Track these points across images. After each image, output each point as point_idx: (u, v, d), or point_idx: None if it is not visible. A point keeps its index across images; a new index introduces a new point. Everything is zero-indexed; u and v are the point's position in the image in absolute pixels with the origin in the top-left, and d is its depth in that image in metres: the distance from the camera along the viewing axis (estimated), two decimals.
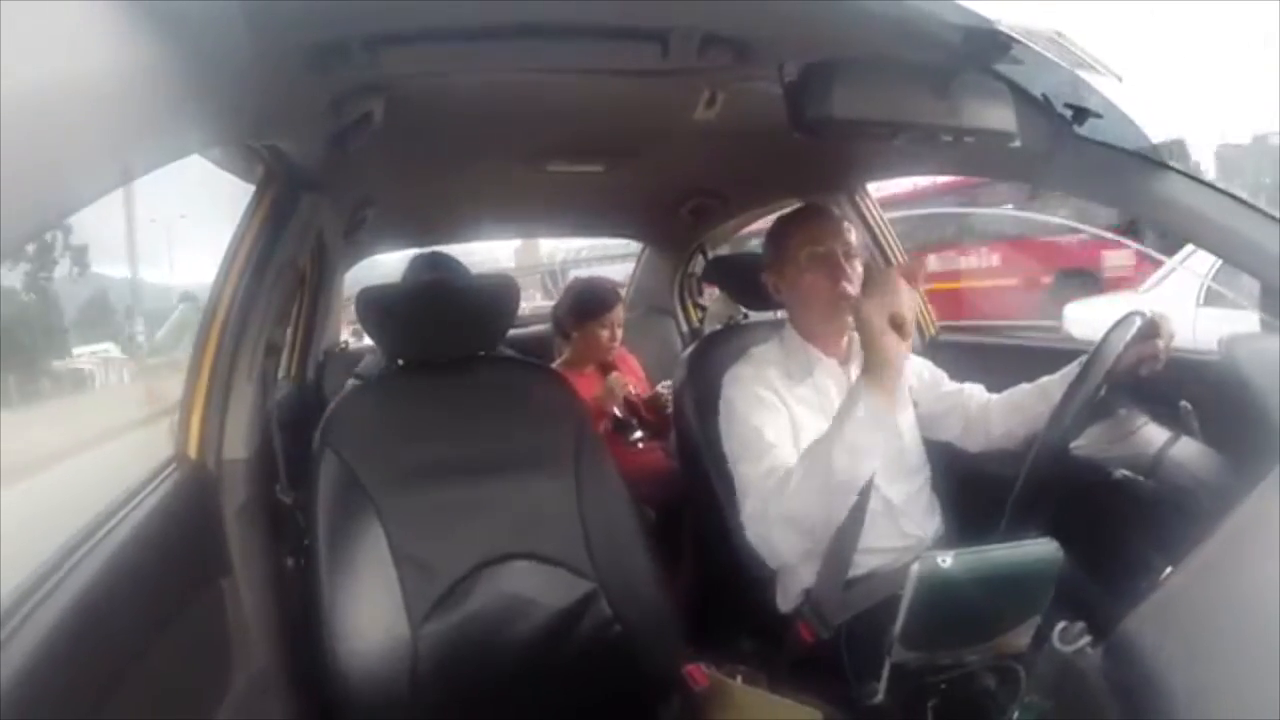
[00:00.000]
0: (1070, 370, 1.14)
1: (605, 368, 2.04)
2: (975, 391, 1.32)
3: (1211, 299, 3.29)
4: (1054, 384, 1.19)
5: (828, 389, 1.20)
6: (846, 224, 1.25)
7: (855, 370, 1.23)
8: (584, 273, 3.59)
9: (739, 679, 1.03)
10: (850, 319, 1.20)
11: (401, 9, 0.78)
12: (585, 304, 2.03)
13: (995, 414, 1.28)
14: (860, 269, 1.21)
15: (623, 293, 2.35)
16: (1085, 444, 1.08)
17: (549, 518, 1.13)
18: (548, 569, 1.10)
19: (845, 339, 1.25)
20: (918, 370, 1.33)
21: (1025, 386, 1.26)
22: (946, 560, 0.75)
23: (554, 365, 2.01)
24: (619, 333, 2.05)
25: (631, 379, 2.08)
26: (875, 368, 0.97)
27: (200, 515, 1.02)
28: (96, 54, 0.45)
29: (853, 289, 1.18)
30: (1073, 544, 0.80)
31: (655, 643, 1.11)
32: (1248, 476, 0.75)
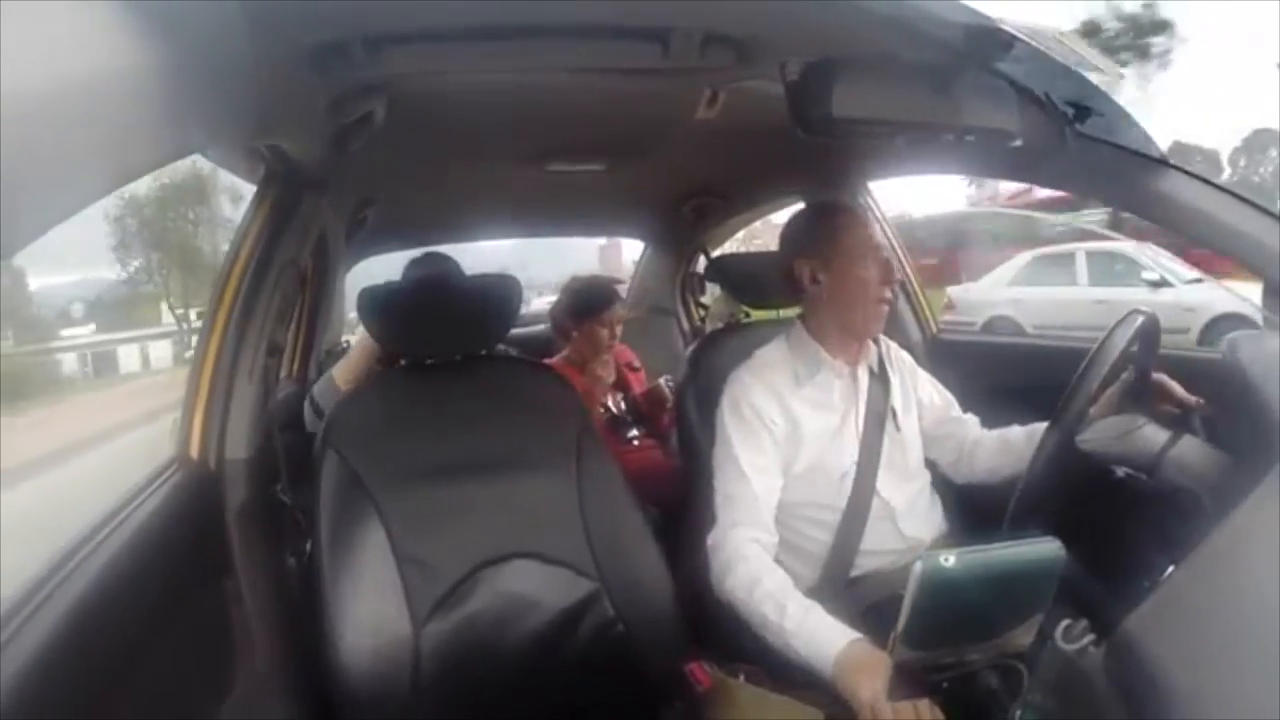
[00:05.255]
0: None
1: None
2: (972, 424, 1.30)
3: None
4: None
5: (831, 386, 1.20)
6: None
7: (861, 372, 1.23)
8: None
9: (742, 678, 1.03)
10: (875, 326, 1.19)
11: (402, 9, 0.78)
12: (584, 302, 1.98)
13: (984, 451, 1.26)
14: None
15: (622, 290, 2.34)
16: (1091, 437, 1.08)
17: (551, 517, 1.12)
18: (550, 568, 1.10)
19: (859, 344, 1.23)
20: (928, 389, 1.32)
21: (1017, 429, 1.23)
22: (949, 559, 0.75)
23: (552, 360, 2.00)
24: (618, 330, 2.00)
25: (629, 375, 2.08)
26: (849, 692, 0.88)
27: (202, 515, 1.02)
28: (96, 54, 0.45)
29: (891, 294, 1.19)
30: (1075, 543, 0.80)
31: (658, 642, 1.11)
32: (1250, 476, 0.75)
